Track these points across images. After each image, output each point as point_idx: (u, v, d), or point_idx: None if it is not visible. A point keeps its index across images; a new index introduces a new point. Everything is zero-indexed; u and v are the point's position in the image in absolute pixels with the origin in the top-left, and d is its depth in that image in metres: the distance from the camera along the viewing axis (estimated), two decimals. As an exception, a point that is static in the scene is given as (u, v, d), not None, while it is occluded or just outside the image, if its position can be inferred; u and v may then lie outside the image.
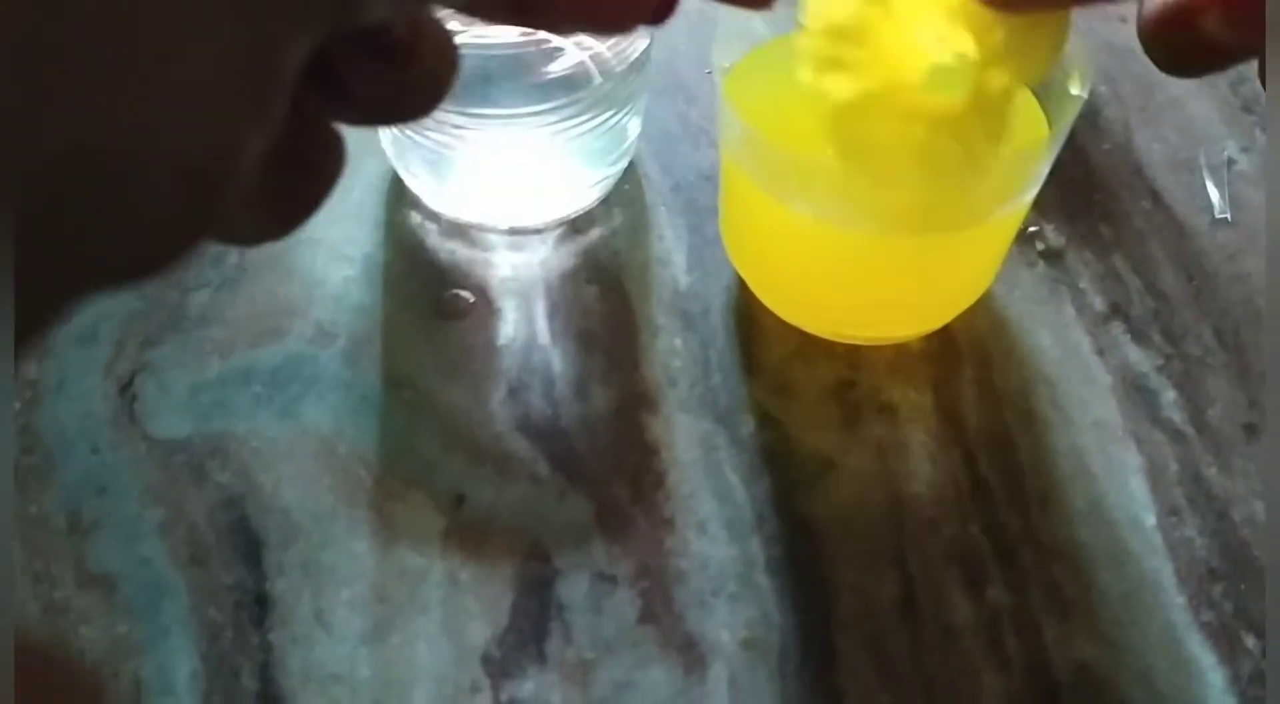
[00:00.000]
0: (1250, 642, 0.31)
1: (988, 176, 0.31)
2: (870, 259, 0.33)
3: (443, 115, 0.35)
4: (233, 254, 0.38)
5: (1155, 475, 0.34)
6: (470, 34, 0.39)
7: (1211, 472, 0.34)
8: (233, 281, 0.37)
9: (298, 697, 0.29)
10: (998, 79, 0.26)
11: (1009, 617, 0.31)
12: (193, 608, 0.30)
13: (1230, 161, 0.41)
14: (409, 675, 0.29)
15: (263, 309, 0.37)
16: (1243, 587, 0.31)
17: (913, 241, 0.32)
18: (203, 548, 0.31)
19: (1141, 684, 0.30)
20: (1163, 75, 0.44)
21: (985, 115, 0.27)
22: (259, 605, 0.30)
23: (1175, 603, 0.31)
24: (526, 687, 0.29)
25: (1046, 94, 0.33)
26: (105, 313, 0.36)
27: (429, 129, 0.36)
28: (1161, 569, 0.32)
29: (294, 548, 0.31)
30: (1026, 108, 0.34)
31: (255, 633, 0.30)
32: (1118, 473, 0.34)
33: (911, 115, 0.26)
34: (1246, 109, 0.43)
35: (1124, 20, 0.46)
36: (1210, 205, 0.40)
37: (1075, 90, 0.32)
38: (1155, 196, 0.40)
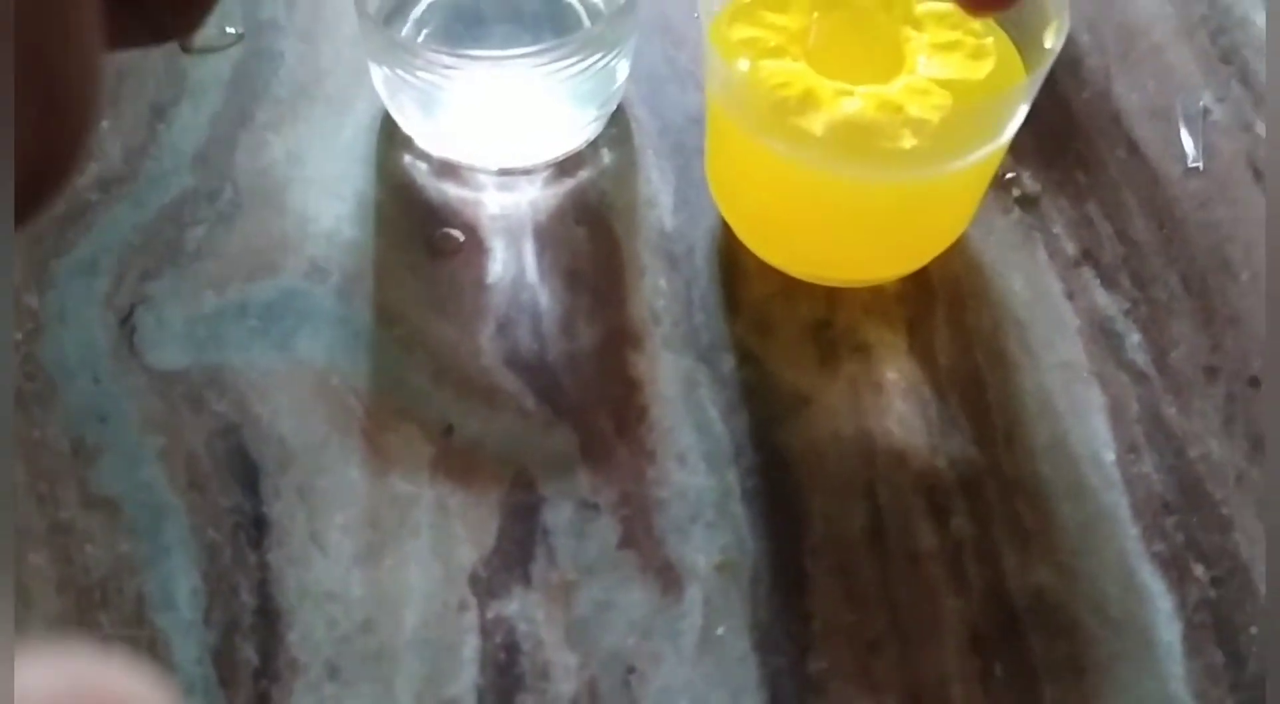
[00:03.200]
0: (1199, 571, 0.32)
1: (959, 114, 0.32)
2: (848, 201, 0.34)
3: (434, 55, 0.36)
4: (228, 191, 0.39)
5: (1117, 414, 0.35)
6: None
7: (1171, 411, 0.35)
8: (228, 218, 0.38)
9: (295, 612, 0.31)
10: None
11: (971, 545, 0.32)
12: (192, 529, 0.32)
13: (1206, 111, 0.42)
14: (400, 594, 0.31)
15: (257, 245, 0.38)
16: (1194, 519, 0.33)
17: (890, 184, 0.33)
18: (201, 473, 0.33)
19: (1094, 609, 0.32)
20: (1145, 24, 0.45)
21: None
22: (256, 528, 0.32)
23: (1129, 534, 0.33)
24: (512, 606, 0.31)
25: (1025, 42, 0.34)
26: (105, 246, 0.37)
27: (421, 69, 0.37)
28: (1118, 502, 0.33)
29: (289, 474, 0.33)
30: (1004, 54, 0.35)
31: (253, 553, 0.31)
32: (1081, 411, 0.35)
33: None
34: (1225, 60, 0.44)
35: (1108, -31, 0.46)
36: (1184, 154, 0.41)
37: (1049, 43, 0.32)
38: (1131, 145, 0.41)
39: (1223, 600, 0.32)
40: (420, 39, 0.38)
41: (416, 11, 0.39)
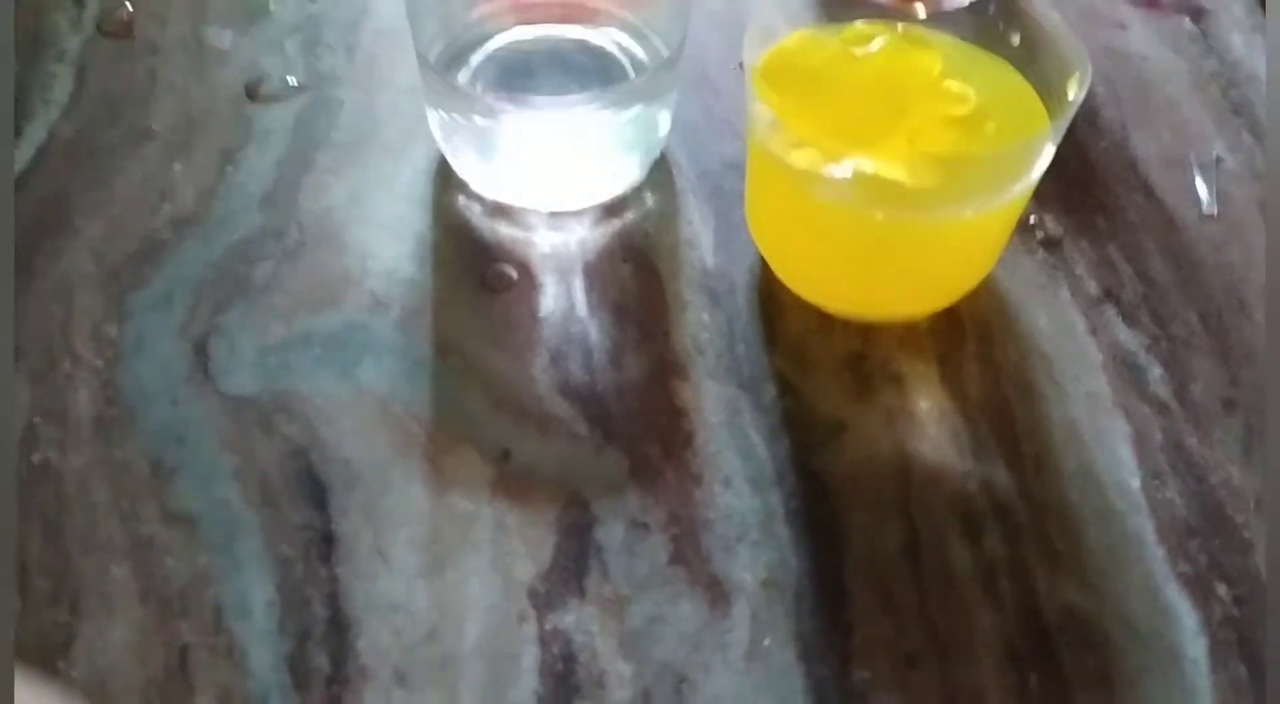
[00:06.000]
0: (1222, 590, 0.34)
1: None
2: (884, 241, 0.37)
3: (492, 101, 0.39)
4: (293, 230, 0.41)
5: (1141, 443, 0.37)
6: (517, 30, 0.42)
7: (1193, 441, 0.37)
8: (293, 255, 0.41)
9: (363, 622, 0.32)
10: None
11: (1004, 565, 0.34)
12: (266, 544, 0.34)
13: (1219, 160, 0.44)
14: (462, 606, 0.33)
15: (321, 280, 0.40)
16: (1217, 542, 0.35)
17: (924, 223, 0.35)
18: (273, 492, 0.35)
19: (1123, 626, 0.33)
20: (1159, 78, 0.47)
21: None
22: (326, 543, 0.34)
23: (1155, 556, 0.34)
24: (568, 618, 0.32)
25: (1049, 94, 0.37)
26: (179, 281, 0.40)
27: (477, 113, 0.39)
28: (1144, 526, 0.35)
29: (356, 493, 0.35)
30: (1030, 105, 0.37)
31: (323, 567, 0.33)
32: (1107, 440, 0.37)
33: None
34: (1236, 112, 0.46)
35: (1123, 27, 0.49)
36: (1199, 201, 0.43)
37: (1072, 94, 0.35)
38: (1148, 192, 0.43)
39: (1245, 618, 0.33)
40: (476, 87, 0.41)
41: (474, 62, 0.41)
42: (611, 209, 0.42)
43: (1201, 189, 0.43)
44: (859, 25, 0.38)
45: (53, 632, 0.32)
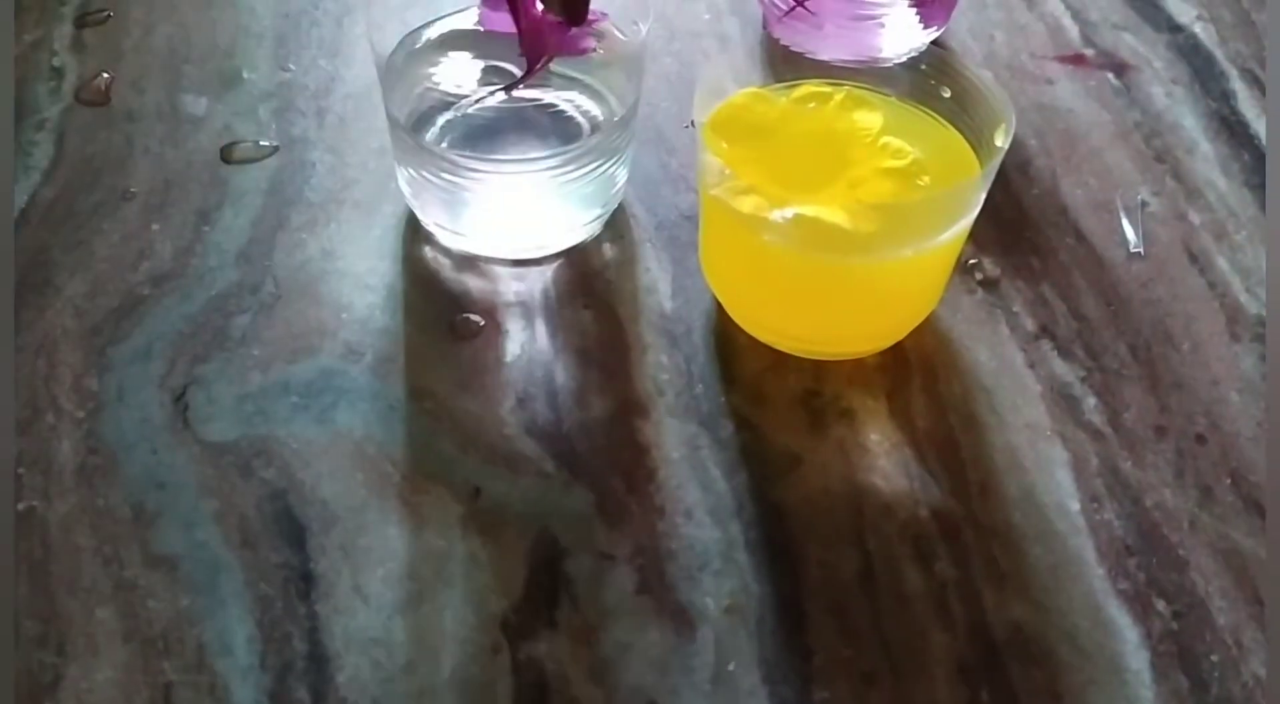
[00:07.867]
0: (1160, 606, 0.36)
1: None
2: (829, 281, 0.39)
3: (460, 159, 0.41)
4: (268, 284, 0.43)
5: (1079, 468, 0.39)
6: (481, 95, 0.44)
7: (1127, 465, 0.39)
8: (269, 307, 0.42)
9: (343, 656, 0.33)
10: None
11: (954, 586, 0.36)
12: (246, 583, 0.35)
13: (1143, 204, 0.47)
14: (438, 639, 0.34)
15: (297, 331, 0.42)
16: (1154, 560, 0.37)
17: (866, 264, 0.38)
18: (253, 533, 0.36)
19: (1067, 641, 0.35)
20: (1085, 130, 0.50)
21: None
22: (305, 581, 0.35)
23: (1096, 574, 0.36)
24: (540, 647, 0.34)
25: (979, 142, 0.39)
26: (158, 335, 0.41)
27: (445, 171, 0.41)
28: (1084, 546, 0.37)
29: (333, 533, 0.36)
30: (963, 157, 0.39)
31: (302, 604, 0.34)
32: (1046, 466, 0.39)
33: None
34: (1158, 159, 0.49)
35: (1051, 83, 0.52)
36: (1126, 241, 0.46)
37: (999, 142, 0.37)
38: (1078, 234, 0.46)
39: (1184, 632, 0.35)
40: (443, 146, 0.43)
41: (440, 122, 0.44)
42: (573, 259, 0.44)
43: (1128, 230, 0.46)
44: (807, 85, 0.41)
45: (40, 672, 0.33)
